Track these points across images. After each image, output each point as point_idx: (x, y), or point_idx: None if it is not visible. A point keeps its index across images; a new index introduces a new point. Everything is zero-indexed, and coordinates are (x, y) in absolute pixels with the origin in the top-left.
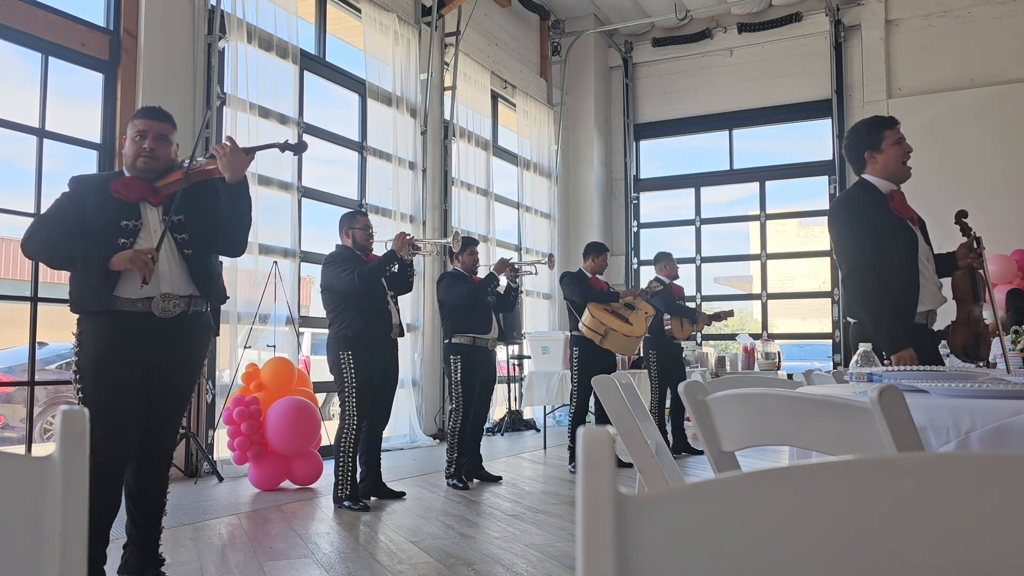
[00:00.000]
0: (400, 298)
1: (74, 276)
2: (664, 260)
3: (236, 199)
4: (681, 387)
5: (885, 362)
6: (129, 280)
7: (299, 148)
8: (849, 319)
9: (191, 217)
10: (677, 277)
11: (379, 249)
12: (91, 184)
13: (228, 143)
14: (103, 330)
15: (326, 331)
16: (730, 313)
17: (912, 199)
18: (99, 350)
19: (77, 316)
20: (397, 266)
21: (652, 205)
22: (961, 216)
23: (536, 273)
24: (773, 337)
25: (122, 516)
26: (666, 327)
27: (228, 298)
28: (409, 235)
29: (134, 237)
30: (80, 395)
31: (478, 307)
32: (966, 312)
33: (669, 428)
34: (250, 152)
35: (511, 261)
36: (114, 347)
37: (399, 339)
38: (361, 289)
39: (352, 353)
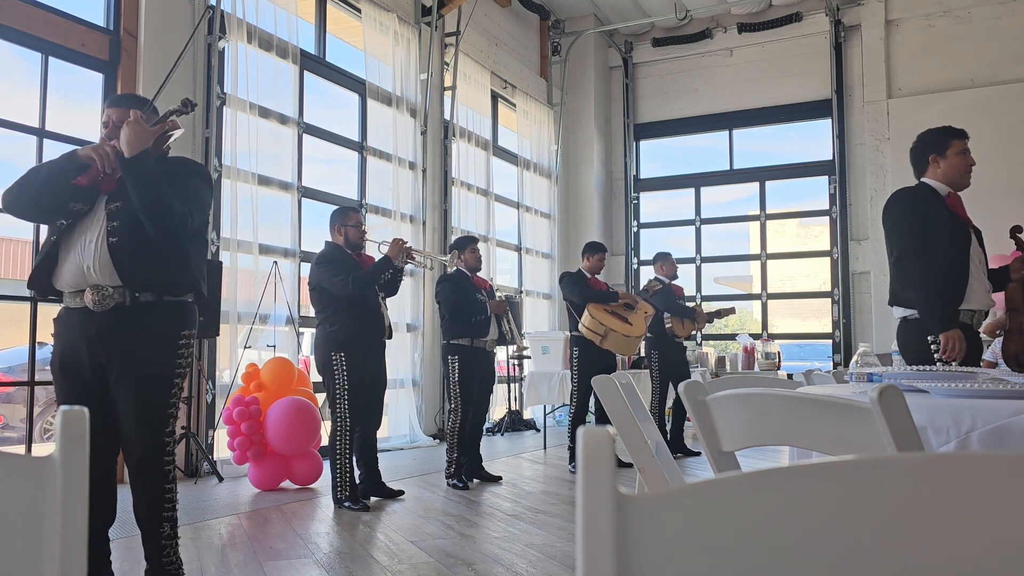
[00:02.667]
0: (401, 298)
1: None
2: (662, 260)
3: (127, 175)
4: (681, 387)
5: (934, 344)
6: (64, 271)
7: (184, 107)
8: (898, 314)
9: (126, 202)
10: (676, 277)
11: (371, 248)
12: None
13: (131, 115)
14: (60, 327)
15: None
16: (731, 311)
17: None
18: (59, 348)
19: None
20: (390, 272)
21: (652, 205)
22: (1016, 231)
23: (524, 347)
24: (773, 337)
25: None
26: (667, 325)
27: (198, 292)
28: (407, 243)
29: (73, 219)
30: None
31: (476, 314)
32: (1018, 322)
33: (668, 428)
34: (154, 125)
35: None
36: (68, 345)
37: (390, 340)
38: (353, 295)
39: (344, 354)
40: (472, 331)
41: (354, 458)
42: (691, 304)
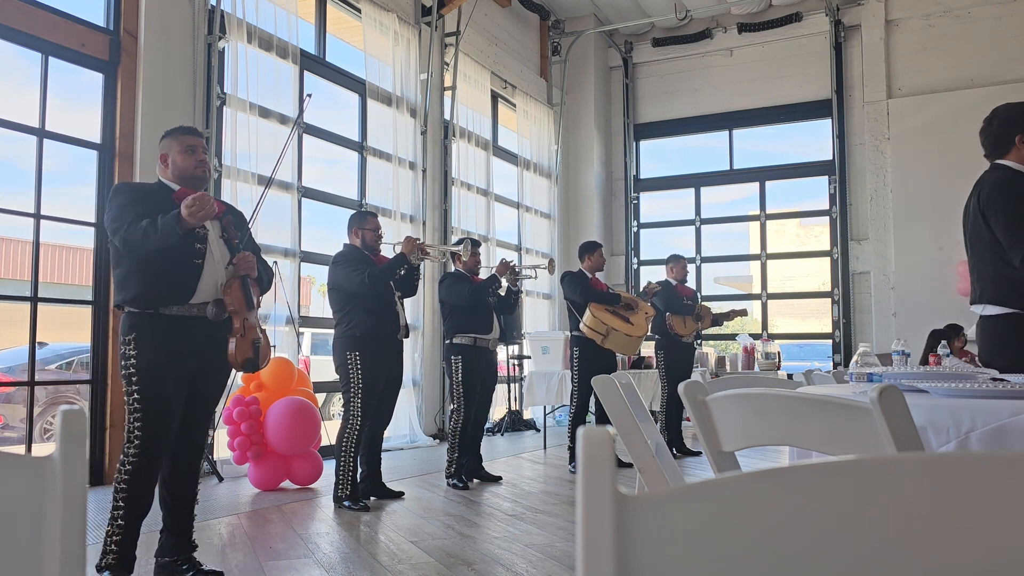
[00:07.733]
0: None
1: (135, 272)
2: (674, 262)
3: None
4: (681, 387)
5: None
6: (203, 284)
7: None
8: (987, 311)
9: (232, 238)
10: (686, 280)
11: (386, 250)
12: (149, 193)
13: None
14: (158, 333)
15: (325, 331)
16: (743, 312)
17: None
18: (155, 353)
19: (124, 319)
20: (405, 269)
21: (652, 205)
22: None
23: (536, 277)
24: (773, 337)
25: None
26: (667, 323)
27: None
28: (419, 240)
29: (205, 245)
30: (135, 396)
31: (479, 308)
32: None
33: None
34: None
35: (512, 263)
36: (169, 350)
37: (406, 340)
38: (370, 290)
39: (360, 354)
40: (475, 327)
41: (358, 457)
42: (698, 306)
